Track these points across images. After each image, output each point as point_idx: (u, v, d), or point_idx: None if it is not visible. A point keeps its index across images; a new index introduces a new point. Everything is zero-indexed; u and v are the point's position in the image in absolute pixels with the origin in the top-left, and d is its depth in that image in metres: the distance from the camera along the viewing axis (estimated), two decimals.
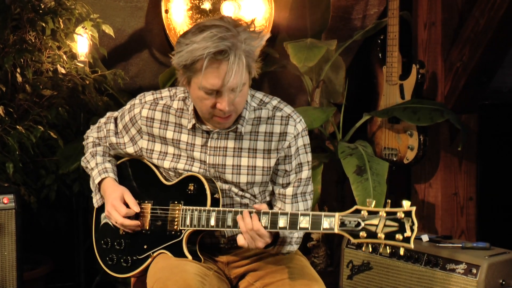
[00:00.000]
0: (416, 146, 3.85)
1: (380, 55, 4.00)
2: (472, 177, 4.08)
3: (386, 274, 3.33)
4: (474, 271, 3.05)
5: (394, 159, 3.94)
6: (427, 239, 3.32)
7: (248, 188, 2.45)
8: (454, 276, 3.10)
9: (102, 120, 2.65)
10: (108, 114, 2.65)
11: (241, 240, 2.30)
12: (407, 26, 4.11)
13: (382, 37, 3.99)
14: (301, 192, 2.47)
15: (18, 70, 3.58)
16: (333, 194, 4.23)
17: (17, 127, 3.43)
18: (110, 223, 2.56)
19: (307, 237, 4.03)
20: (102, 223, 2.60)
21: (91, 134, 2.67)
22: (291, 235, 2.41)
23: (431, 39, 3.99)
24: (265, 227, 2.27)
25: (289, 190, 2.47)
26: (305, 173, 2.47)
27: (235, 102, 2.31)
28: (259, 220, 2.27)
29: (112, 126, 2.59)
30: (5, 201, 3.10)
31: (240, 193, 2.46)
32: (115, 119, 2.60)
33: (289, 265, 2.46)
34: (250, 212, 2.29)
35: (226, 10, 4.08)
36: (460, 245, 3.23)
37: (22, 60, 3.53)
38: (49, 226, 3.85)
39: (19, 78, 3.59)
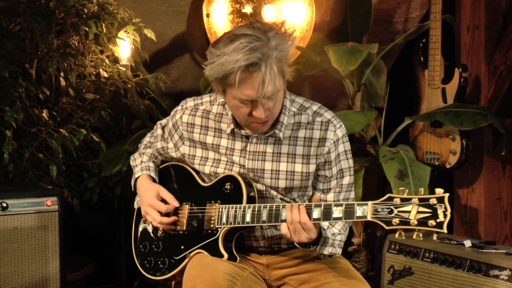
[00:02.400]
0: (458, 151, 3.80)
1: (422, 58, 3.96)
2: None
3: (428, 280, 3.29)
4: None
5: (436, 163, 3.89)
6: (470, 245, 3.27)
7: (287, 192, 2.45)
8: (498, 283, 3.05)
9: (155, 127, 2.72)
10: (158, 122, 2.71)
11: (284, 229, 2.30)
12: (449, 29, 4.06)
13: (424, 41, 3.95)
14: (343, 198, 2.46)
15: (62, 74, 3.64)
16: (374, 198, 4.14)
17: (61, 130, 3.48)
18: (148, 227, 2.58)
19: (348, 241, 4.00)
20: (140, 228, 2.63)
21: (146, 139, 2.76)
22: (333, 237, 2.40)
23: (474, 42, 3.94)
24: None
25: (330, 196, 2.46)
26: (347, 179, 2.47)
27: (270, 108, 2.32)
28: (307, 213, 2.26)
29: (160, 132, 2.66)
30: (49, 204, 3.14)
31: (279, 195, 2.46)
32: (163, 125, 2.66)
33: (333, 268, 2.45)
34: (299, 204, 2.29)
35: (267, 14, 4.08)
36: (504, 251, 3.17)
37: (65, 64, 3.58)
38: (92, 229, 3.89)
39: (63, 82, 3.64)
